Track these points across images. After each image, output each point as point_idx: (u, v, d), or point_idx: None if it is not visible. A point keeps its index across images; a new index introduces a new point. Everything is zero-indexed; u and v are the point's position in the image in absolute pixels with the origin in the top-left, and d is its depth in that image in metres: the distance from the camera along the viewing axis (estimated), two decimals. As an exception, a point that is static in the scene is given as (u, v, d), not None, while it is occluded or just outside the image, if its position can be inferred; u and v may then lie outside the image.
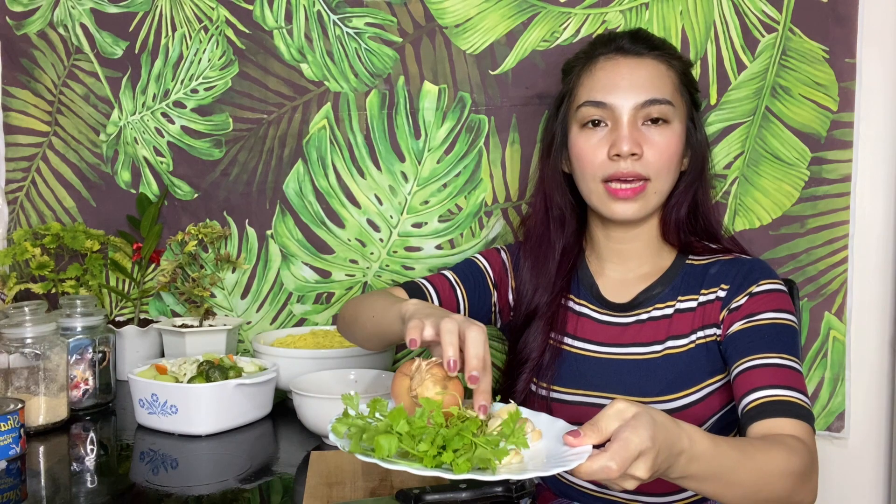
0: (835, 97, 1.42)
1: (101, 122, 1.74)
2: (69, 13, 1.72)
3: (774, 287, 1.09)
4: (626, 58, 1.13)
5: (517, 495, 0.93)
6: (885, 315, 1.45)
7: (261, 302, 1.70)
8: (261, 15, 1.64)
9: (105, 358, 1.44)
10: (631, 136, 1.09)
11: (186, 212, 1.71)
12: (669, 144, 1.11)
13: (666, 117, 1.11)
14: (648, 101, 1.10)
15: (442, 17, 1.57)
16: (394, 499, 0.94)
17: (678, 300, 1.13)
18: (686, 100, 1.16)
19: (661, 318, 1.13)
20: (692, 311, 1.11)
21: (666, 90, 1.11)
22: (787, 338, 1.05)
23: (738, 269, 1.12)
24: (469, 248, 1.58)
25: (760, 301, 1.08)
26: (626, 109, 1.10)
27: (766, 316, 1.06)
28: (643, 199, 1.11)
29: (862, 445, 1.47)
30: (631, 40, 1.15)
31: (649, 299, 1.15)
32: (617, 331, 1.15)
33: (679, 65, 1.16)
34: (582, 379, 1.14)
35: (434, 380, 0.84)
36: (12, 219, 1.79)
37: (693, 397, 1.08)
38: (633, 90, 1.10)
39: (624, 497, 1.14)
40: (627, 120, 1.10)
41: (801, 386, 1.01)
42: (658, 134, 1.10)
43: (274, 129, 1.66)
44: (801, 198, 1.45)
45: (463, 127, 1.58)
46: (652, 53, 1.14)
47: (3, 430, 1.13)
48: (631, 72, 1.12)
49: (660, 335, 1.12)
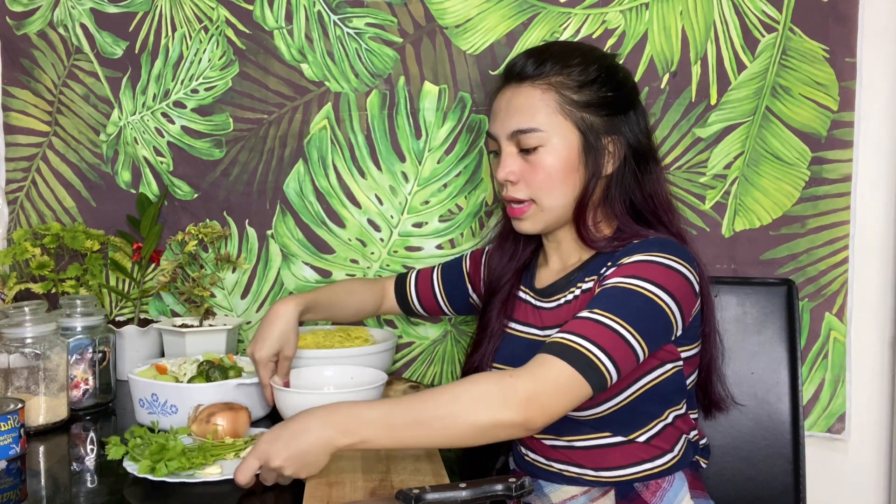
0: (835, 97, 1.42)
1: (101, 122, 1.74)
2: (69, 13, 1.72)
3: (644, 258, 1.07)
4: (509, 87, 1.19)
5: (517, 494, 0.93)
6: (885, 315, 1.45)
7: (261, 302, 1.70)
8: (261, 15, 1.64)
9: (105, 358, 1.44)
10: (504, 166, 1.17)
11: (186, 212, 1.71)
12: (545, 167, 1.15)
13: (538, 143, 1.15)
14: (515, 132, 1.16)
15: (442, 17, 1.57)
16: (394, 499, 0.94)
17: (584, 282, 1.16)
18: (575, 115, 1.14)
19: (569, 301, 1.18)
20: (590, 292, 1.14)
21: (536, 118, 1.14)
22: (624, 300, 1.04)
23: (635, 246, 1.11)
24: (469, 248, 1.58)
25: (621, 270, 1.07)
26: (503, 139, 1.18)
27: (615, 281, 1.06)
28: (531, 217, 1.18)
29: (863, 447, 1.47)
30: (519, 64, 1.19)
31: (566, 285, 1.20)
32: (543, 314, 1.22)
33: (565, 81, 1.15)
34: (513, 356, 1.21)
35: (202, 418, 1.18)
36: (12, 219, 1.79)
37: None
38: (508, 120, 1.17)
39: (573, 471, 1.17)
40: (505, 150, 1.18)
41: (600, 338, 1.00)
42: (535, 157, 1.15)
43: (274, 130, 1.66)
44: (801, 198, 1.45)
45: (463, 127, 1.58)
46: (529, 79, 1.16)
47: (3, 430, 1.13)
48: (507, 102, 1.18)
49: (564, 317, 1.16)
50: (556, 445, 1.18)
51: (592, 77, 1.15)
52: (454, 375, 1.62)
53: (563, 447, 1.17)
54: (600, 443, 1.15)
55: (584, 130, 1.15)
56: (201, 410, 1.20)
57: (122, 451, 1.10)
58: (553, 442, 1.19)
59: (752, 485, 1.21)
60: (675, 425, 1.16)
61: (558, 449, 1.18)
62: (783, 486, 1.33)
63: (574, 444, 1.16)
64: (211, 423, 1.16)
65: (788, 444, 1.34)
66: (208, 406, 1.20)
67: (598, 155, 1.15)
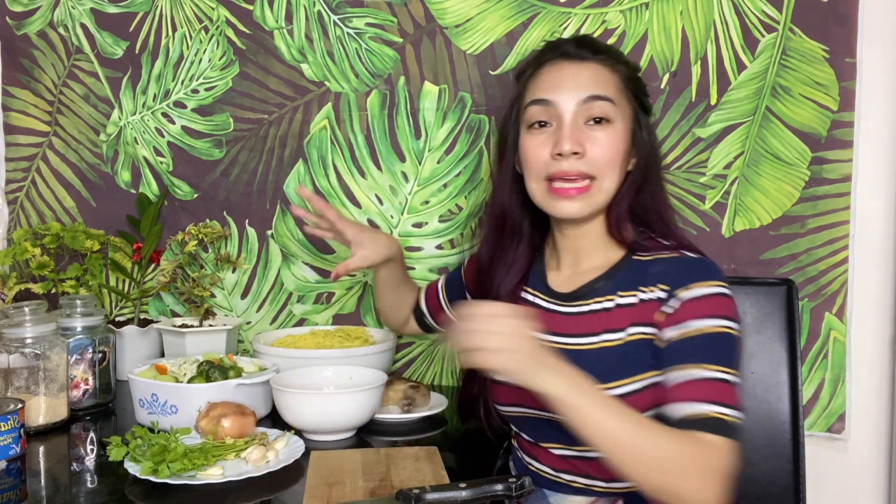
0: (835, 97, 1.42)
1: (101, 122, 1.74)
2: (69, 13, 1.72)
3: (709, 291, 1.08)
4: (570, 62, 1.17)
5: (517, 494, 0.93)
6: (885, 315, 1.45)
7: (261, 302, 1.70)
8: (261, 15, 1.64)
9: (105, 358, 1.44)
10: (573, 136, 1.12)
11: (186, 212, 1.71)
12: (613, 142, 1.13)
13: (608, 116, 1.13)
14: (590, 97, 1.13)
15: (442, 17, 1.57)
16: (394, 499, 0.94)
17: (618, 294, 1.14)
18: (631, 102, 1.16)
19: (600, 311, 1.15)
20: (631, 307, 1.12)
21: (608, 90, 1.14)
22: (719, 346, 1.05)
23: (678, 269, 1.11)
24: (469, 249, 1.58)
25: (692, 307, 1.07)
26: (568, 107, 1.13)
27: (698, 325, 1.06)
28: (588, 197, 1.14)
29: (862, 446, 1.47)
30: (575, 46, 1.18)
31: (591, 292, 1.17)
32: (559, 319, 1.18)
33: (624, 69, 1.18)
34: None
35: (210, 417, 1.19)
36: (12, 219, 1.79)
37: (625, 388, 1.09)
38: (576, 89, 1.14)
39: (582, 482, 1.16)
40: (570, 119, 1.13)
41: (728, 398, 1.01)
42: (601, 132, 1.13)
43: (275, 130, 1.66)
44: (801, 198, 1.45)
45: (463, 127, 1.58)
46: (595, 57, 1.17)
47: (3, 430, 1.13)
48: (574, 74, 1.16)
49: (596, 327, 1.14)
50: (566, 455, 1.16)
51: (636, 72, 1.18)
52: (454, 375, 1.62)
53: (573, 457, 1.15)
54: None
55: (636, 120, 1.16)
56: (211, 409, 1.20)
57: (124, 452, 1.11)
58: (563, 451, 1.16)
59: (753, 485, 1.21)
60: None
61: (567, 459, 1.16)
62: (783, 486, 1.33)
63: (585, 455, 1.14)
64: (220, 425, 1.16)
65: (788, 444, 1.34)
66: (220, 405, 1.20)
67: (641, 147, 1.16)
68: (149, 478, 1.04)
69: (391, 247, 1.41)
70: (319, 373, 1.36)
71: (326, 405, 1.23)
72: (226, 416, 1.17)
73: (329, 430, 1.24)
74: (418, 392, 1.37)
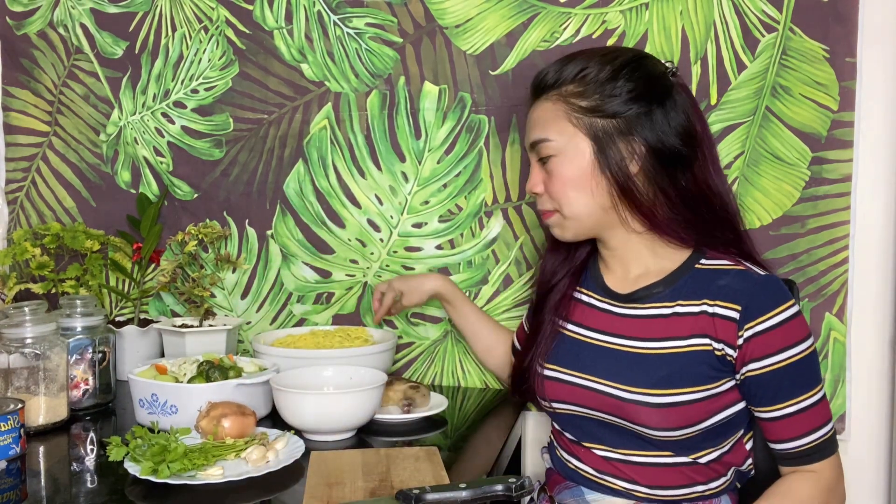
0: (835, 97, 1.42)
1: (101, 122, 1.74)
2: (69, 13, 1.72)
3: (783, 318, 1.09)
4: (532, 102, 1.23)
5: (517, 494, 0.93)
6: (885, 315, 1.45)
7: (261, 302, 1.70)
8: (261, 15, 1.64)
9: (105, 358, 1.44)
10: (531, 178, 1.21)
11: (186, 212, 1.71)
12: (560, 176, 1.17)
13: (550, 153, 1.17)
14: (532, 143, 1.21)
15: (442, 17, 1.57)
16: (394, 499, 0.94)
17: (678, 303, 1.13)
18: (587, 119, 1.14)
19: (657, 316, 1.14)
20: (693, 316, 1.11)
21: (546, 128, 1.17)
22: (802, 371, 1.09)
23: (750, 290, 1.10)
24: (469, 249, 1.59)
25: (776, 337, 1.08)
26: (529, 151, 1.23)
27: (785, 356, 1.08)
28: (558, 225, 1.21)
29: (862, 447, 1.47)
30: (532, 88, 1.23)
31: (648, 296, 1.16)
32: (614, 319, 1.18)
33: (573, 88, 1.15)
34: (575, 360, 1.19)
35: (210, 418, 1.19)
36: (12, 219, 1.79)
37: (684, 398, 1.09)
38: (528, 135, 1.22)
39: (623, 486, 1.15)
40: (533, 162, 1.22)
41: (824, 417, 1.11)
42: (551, 167, 1.18)
43: (274, 130, 1.66)
44: (801, 198, 1.45)
45: (463, 127, 1.58)
46: (543, 96, 1.20)
47: (3, 430, 1.13)
48: (529, 116, 1.23)
49: (654, 333, 1.13)
50: (610, 458, 1.17)
51: (603, 80, 1.14)
52: (454, 375, 1.62)
53: (618, 460, 1.16)
54: (659, 461, 1.14)
55: (594, 136, 1.14)
56: (211, 409, 1.20)
57: (124, 452, 1.11)
58: (607, 454, 1.17)
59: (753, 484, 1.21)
60: (734, 450, 1.16)
61: (611, 461, 1.16)
62: (783, 486, 1.32)
63: (630, 459, 1.15)
64: (220, 425, 1.16)
65: (788, 444, 1.34)
66: (220, 405, 1.20)
67: (618, 158, 1.14)
68: (149, 478, 1.04)
69: (431, 282, 1.48)
70: (319, 373, 1.36)
71: (326, 405, 1.23)
72: (226, 416, 1.17)
73: (329, 431, 1.24)
74: (418, 392, 1.37)
